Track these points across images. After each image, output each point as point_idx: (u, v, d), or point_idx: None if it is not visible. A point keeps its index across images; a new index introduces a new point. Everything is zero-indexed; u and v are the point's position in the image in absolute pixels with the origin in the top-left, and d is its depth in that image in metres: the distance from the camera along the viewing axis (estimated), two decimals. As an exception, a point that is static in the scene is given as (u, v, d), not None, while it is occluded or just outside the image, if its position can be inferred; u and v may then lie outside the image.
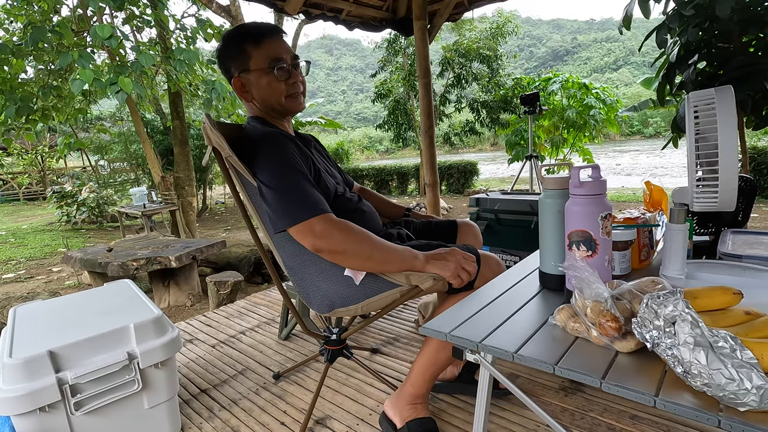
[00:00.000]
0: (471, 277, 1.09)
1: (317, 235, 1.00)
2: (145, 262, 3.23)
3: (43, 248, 6.47)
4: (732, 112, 0.68)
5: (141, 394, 1.23)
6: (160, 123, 9.09)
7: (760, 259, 0.89)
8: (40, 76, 5.27)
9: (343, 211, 1.14)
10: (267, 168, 1.07)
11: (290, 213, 1.01)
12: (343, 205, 1.22)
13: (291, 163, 1.07)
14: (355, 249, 1.03)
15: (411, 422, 1.20)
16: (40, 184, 15.44)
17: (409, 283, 1.11)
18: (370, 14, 3.39)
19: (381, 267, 1.08)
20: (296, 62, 1.20)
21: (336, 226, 1.03)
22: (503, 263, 1.22)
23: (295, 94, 1.19)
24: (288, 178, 1.04)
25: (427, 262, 1.08)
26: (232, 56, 1.17)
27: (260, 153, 1.09)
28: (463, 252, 1.11)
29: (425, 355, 1.18)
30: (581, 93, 7.12)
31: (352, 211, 1.24)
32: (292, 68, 1.17)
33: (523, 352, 0.71)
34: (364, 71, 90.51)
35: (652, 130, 33.82)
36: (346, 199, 1.25)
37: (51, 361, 1.09)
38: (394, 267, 1.08)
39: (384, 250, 1.06)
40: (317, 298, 1.21)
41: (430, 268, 1.07)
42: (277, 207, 1.03)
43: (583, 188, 0.81)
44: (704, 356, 0.53)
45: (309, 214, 1.01)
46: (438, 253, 1.10)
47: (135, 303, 1.40)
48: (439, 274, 1.08)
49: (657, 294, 0.61)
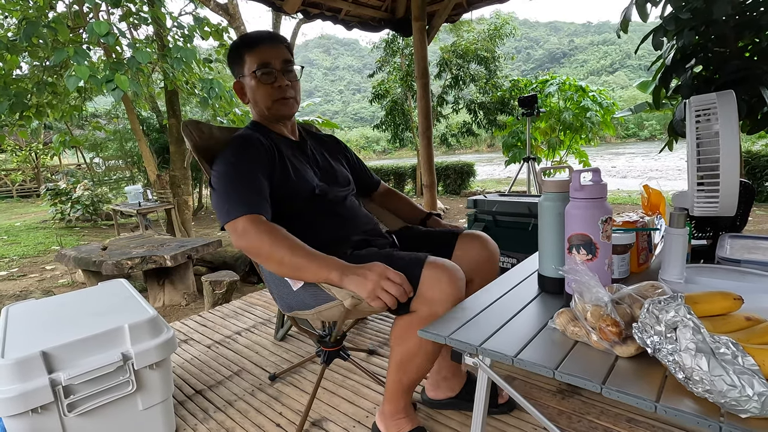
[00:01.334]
0: (393, 301, 0.96)
1: (239, 234, 1.03)
2: (140, 261, 3.21)
3: (37, 246, 6.42)
4: (734, 116, 0.67)
5: (135, 395, 1.21)
6: (156, 121, 9.04)
7: (758, 263, 0.90)
8: (35, 73, 5.22)
9: (318, 212, 1.22)
10: (216, 168, 1.14)
11: (223, 211, 1.06)
12: (318, 206, 1.22)
13: (238, 164, 1.11)
14: (269, 252, 1.01)
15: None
16: (34, 182, 15.31)
17: (334, 297, 1.05)
18: (369, 14, 3.38)
19: (294, 273, 1.03)
20: (288, 67, 1.21)
21: (257, 227, 1.02)
22: (461, 283, 1.02)
23: (282, 98, 1.21)
24: (228, 179, 1.09)
25: (344, 277, 0.97)
26: (233, 61, 1.25)
27: (219, 154, 1.17)
28: (389, 270, 0.97)
29: (393, 369, 1.11)
30: (578, 95, 7.14)
31: (326, 213, 1.24)
32: (280, 73, 1.19)
33: (522, 356, 0.71)
34: (362, 71, 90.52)
35: (648, 133, 34.04)
36: (325, 201, 1.23)
37: (44, 361, 1.07)
38: (308, 275, 1.02)
39: (299, 257, 1.00)
40: (277, 297, 1.25)
41: (346, 284, 0.97)
42: (215, 205, 1.09)
43: (583, 191, 0.81)
44: (706, 362, 0.52)
45: (235, 214, 1.04)
46: (359, 268, 0.98)
47: (130, 303, 1.38)
48: (354, 292, 0.98)
49: (658, 299, 0.61)
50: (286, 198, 1.18)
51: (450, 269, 1.01)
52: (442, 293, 0.98)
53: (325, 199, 1.24)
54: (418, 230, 1.42)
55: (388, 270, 0.97)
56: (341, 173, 1.36)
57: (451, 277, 0.99)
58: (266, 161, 1.16)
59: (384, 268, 0.98)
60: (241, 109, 6.26)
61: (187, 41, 5.41)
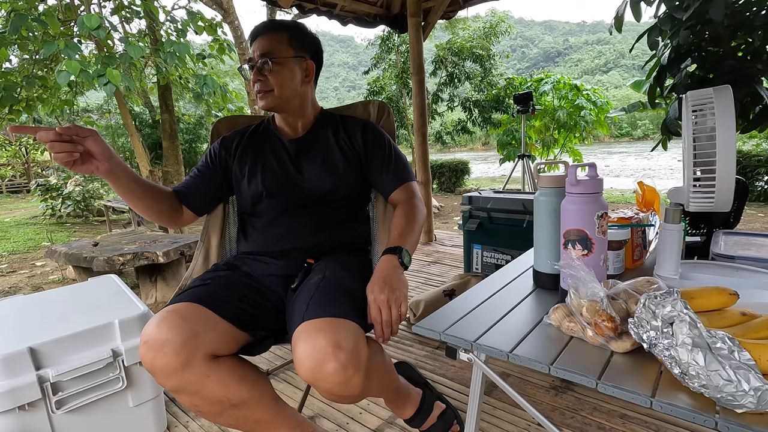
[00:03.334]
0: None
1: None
2: (132, 258, 3.17)
3: (27, 242, 6.34)
4: (731, 112, 0.67)
5: (125, 392, 1.20)
6: (148, 116, 8.96)
7: (752, 259, 0.90)
8: (25, 66, 5.15)
9: (258, 217, 1.19)
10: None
11: None
12: (260, 211, 1.18)
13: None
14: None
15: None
16: (24, 177, 15.12)
17: None
18: (365, 10, 3.36)
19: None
20: (263, 60, 1.10)
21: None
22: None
23: (258, 92, 1.14)
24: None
25: None
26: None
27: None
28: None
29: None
30: (572, 94, 7.17)
31: (266, 219, 1.18)
32: (256, 68, 1.12)
33: (518, 352, 0.70)
34: (357, 68, 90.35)
35: (641, 132, 34.30)
36: (262, 209, 1.17)
37: (31, 358, 1.05)
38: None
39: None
40: None
41: None
42: None
43: (579, 186, 0.81)
44: (702, 357, 0.52)
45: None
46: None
47: (120, 299, 1.36)
48: None
49: (654, 294, 0.61)
50: (242, 197, 1.23)
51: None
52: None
53: (260, 206, 1.18)
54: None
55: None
56: (325, 177, 1.18)
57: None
58: (216, 160, 1.23)
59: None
60: (235, 105, 6.21)
61: (180, 36, 5.35)
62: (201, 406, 0.89)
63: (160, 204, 1.10)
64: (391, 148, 1.25)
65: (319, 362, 0.80)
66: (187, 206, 1.18)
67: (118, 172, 0.98)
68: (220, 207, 1.32)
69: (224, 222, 1.34)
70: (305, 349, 0.81)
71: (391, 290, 0.92)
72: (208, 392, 0.87)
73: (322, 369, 0.80)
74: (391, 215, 1.27)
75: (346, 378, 0.81)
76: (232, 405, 0.90)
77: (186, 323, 0.85)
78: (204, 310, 0.89)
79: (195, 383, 0.85)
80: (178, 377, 0.84)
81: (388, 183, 1.21)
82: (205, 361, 0.85)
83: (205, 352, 0.86)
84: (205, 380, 0.86)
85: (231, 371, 0.89)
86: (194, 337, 0.84)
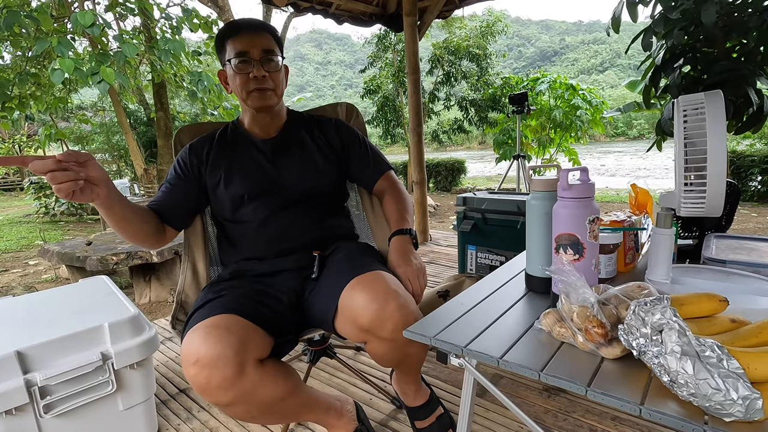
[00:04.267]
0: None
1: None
2: (126, 257, 3.15)
3: (20, 241, 6.29)
4: (721, 117, 0.67)
5: (115, 395, 1.19)
6: (143, 114, 8.90)
7: (743, 264, 0.90)
8: (18, 63, 5.10)
9: (240, 222, 1.17)
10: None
11: None
12: (238, 218, 1.17)
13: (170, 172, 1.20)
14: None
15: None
16: (18, 174, 15.00)
17: None
18: (360, 9, 3.35)
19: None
20: (267, 57, 1.10)
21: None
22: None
23: (258, 89, 1.10)
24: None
25: None
26: (218, 49, 1.17)
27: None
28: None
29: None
30: (568, 94, 7.18)
31: (247, 222, 1.16)
32: (258, 63, 1.09)
33: (508, 358, 0.70)
34: (354, 66, 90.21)
35: (636, 132, 34.45)
36: (245, 213, 1.15)
37: (19, 361, 1.04)
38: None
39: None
40: None
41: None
42: None
43: (571, 191, 0.80)
44: (691, 366, 0.52)
45: None
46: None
47: (110, 301, 1.35)
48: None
49: (644, 301, 0.60)
50: (218, 203, 1.19)
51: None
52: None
53: (240, 212, 1.16)
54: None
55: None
56: (305, 176, 1.20)
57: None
58: (187, 169, 1.19)
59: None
60: (230, 103, 6.18)
61: (175, 33, 5.32)
62: (254, 411, 0.91)
63: (149, 224, 1.08)
64: (365, 142, 1.33)
65: (382, 303, 0.90)
66: (167, 223, 1.14)
67: (113, 198, 0.94)
68: (198, 218, 1.29)
69: (204, 233, 1.32)
70: (367, 295, 0.92)
71: (416, 261, 1.08)
72: (262, 396, 0.89)
73: (385, 308, 0.90)
74: (378, 206, 1.40)
75: (406, 314, 0.92)
76: (281, 399, 0.93)
77: (231, 335, 0.86)
78: (240, 319, 0.91)
79: (250, 391, 0.87)
80: (235, 389, 0.85)
81: (370, 176, 1.31)
82: (255, 367, 0.87)
83: (254, 359, 0.88)
84: (258, 386, 0.88)
85: (275, 370, 0.93)
86: (243, 346, 0.86)
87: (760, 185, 6.52)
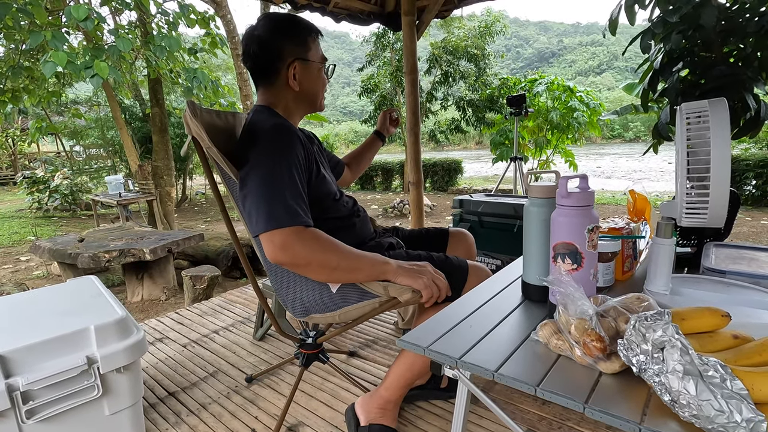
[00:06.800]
0: (441, 294, 1.06)
1: (276, 246, 0.93)
2: (118, 254, 3.11)
3: (11, 236, 6.22)
4: (726, 125, 0.65)
5: (101, 400, 1.16)
6: (138, 109, 8.82)
7: (743, 275, 0.88)
8: (10, 56, 5.02)
9: (338, 216, 1.18)
10: (257, 166, 0.98)
11: (258, 220, 0.95)
12: (338, 209, 1.20)
13: (286, 165, 0.99)
14: (321, 261, 0.97)
15: (374, 426, 1.18)
16: (11, 169, 14.84)
17: (387, 294, 1.06)
18: (358, 7, 3.31)
19: (348, 276, 1.04)
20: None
21: (301, 239, 0.94)
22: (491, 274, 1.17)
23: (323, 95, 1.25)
24: (267, 181, 0.96)
25: (399, 273, 1.04)
26: (293, 42, 1.13)
27: (259, 147, 1.00)
28: (434, 268, 1.09)
29: (403, 361, 1.16)
30: (566, 95, 7.17)
31: (346, 217, 1.22)
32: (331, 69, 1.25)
33: (503, 371, 0.68)
34: (352, 65, 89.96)
35: (632, 134, 34.57)
36: (341, 204, 1.22)
37: (0, 365, 1.01)
38: (363, 276, 1.04)
39: (351, 259, 1.01)
40: (293, 302, 1.18)
41: (401, 279, 1.03)
42: (251, 211, 0.97)
43: (570, 199, 0.78)
44: (693, 386, 0.50)
45: (274, 225, 0.93)
46: (411, 264, 1.07)
47: (98, 302, 1.32)
48: (410, 285, 1.04)
49: (645, 315, 0.59)
50: (312, 203, 1.07)
51: (482, 267, 1.21)
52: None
53: (340, 201, 1.21)
54: (414, 230, 1.49)
55: (433, 269, 1.08)
56: (334, 161, 1.49)
57: (487, 272, 1.19)
58: (307, 160, 1.08)
59: (431, 266, 1.08)
60: (227, 100, 6.11)
61: (171, 29, 5.25)
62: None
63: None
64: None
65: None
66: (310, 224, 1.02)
67: None
68: None
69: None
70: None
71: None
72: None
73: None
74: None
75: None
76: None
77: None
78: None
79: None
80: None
81: (339, 163, 1.55)
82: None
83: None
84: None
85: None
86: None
87: (755, 189, 6.55)
